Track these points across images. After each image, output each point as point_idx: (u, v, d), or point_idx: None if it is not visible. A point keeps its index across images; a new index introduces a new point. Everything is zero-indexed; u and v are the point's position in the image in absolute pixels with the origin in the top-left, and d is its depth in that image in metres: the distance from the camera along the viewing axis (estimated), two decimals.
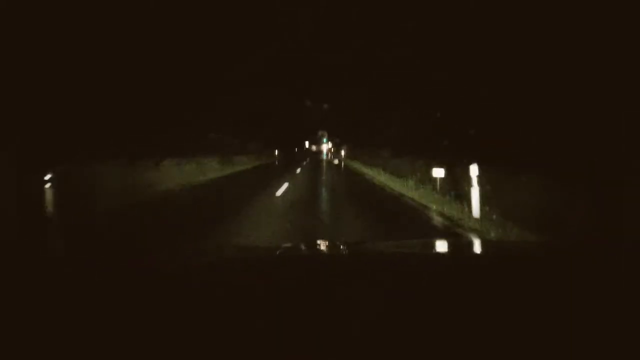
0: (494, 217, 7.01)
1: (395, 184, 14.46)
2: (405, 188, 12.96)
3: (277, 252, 1.67)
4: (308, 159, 43.41)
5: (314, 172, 23.01)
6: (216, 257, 1.59)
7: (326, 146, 76.82)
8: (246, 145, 25.87)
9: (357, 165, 28.72)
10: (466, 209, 7.87)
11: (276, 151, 39.28)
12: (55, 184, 10.93)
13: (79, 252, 4.20)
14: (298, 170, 23.41)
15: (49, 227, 7.25)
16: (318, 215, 8.33)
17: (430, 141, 13.72)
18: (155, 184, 12.16)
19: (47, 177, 11.37)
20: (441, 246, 2.01)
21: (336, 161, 39.75)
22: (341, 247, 1.81)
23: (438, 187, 10.45)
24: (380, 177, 17.86)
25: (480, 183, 7.49)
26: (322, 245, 1.92)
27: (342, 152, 43.63)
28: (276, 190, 12.16)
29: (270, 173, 21.79)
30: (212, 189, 14.12)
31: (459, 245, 2.27)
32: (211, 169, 18.76)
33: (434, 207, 9.09)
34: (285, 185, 13.65)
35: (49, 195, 10.61)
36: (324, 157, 56.73)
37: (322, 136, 73.24)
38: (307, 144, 76.94)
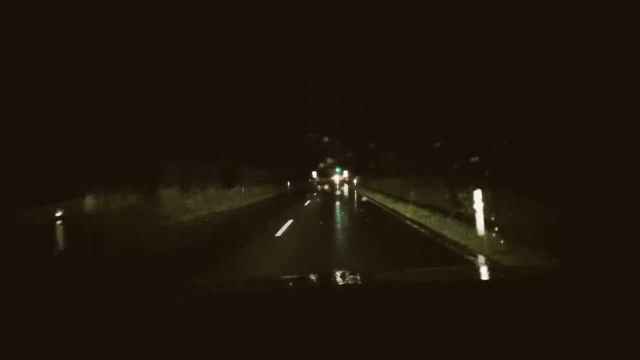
0: None
1: None
2: None
3: (290, 284, 1.72)
4: (315, 194, 30.66)
5: None
6: (229, 290, 1.63)
7: (339, 177, 60.10)
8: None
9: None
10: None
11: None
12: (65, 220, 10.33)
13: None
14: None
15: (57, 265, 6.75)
16: None
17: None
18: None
19: (58, 214, 10.75)
20: (454, 274, 2.05)
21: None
22: (353, 277, 1.86)
23: None
24: None
25: None
26: (336, 275, 1.90)
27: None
28: None
29: None
30: None
31: (469, 273, 2.31)
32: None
33: None
34: None
35: (59, 232, 10.02)
36: (338, 191, 37.92)
37: (331, 165, 60.47)
38: (314, 174, 67.78)
